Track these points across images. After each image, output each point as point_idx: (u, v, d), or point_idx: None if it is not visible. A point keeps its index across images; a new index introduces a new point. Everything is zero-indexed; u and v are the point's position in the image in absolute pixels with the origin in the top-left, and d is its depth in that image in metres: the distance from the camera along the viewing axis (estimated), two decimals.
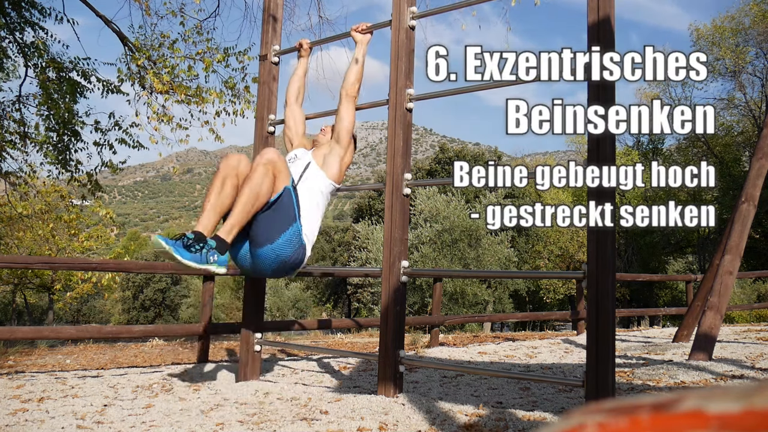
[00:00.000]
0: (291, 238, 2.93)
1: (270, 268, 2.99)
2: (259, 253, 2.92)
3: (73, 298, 20.23)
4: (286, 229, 2.93)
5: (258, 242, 2.91)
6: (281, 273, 3.08)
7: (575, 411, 0.38)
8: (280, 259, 2.94)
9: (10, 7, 7.11)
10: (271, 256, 2.92)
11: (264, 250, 2.91)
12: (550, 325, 17.22)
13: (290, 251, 2.94)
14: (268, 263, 2.94)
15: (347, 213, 64.05)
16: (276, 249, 2.91)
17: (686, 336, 6.02)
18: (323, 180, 3.23)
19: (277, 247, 2.90)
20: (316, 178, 3.21)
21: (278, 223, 2.91)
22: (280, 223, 2.92)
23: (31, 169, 8.04)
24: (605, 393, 2.42)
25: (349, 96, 3.36)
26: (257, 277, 3.17)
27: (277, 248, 2.91)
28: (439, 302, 7.08)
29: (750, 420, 0.31)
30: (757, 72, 24.97)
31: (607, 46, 2.60)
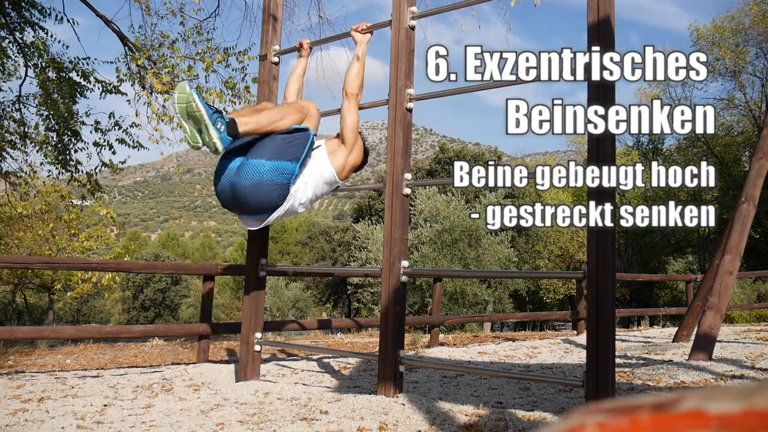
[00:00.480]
0: (281, 170, 2.92)
1: (248, 184, 2.90)
2: (248, 162, 2.91)
3: (73, 298, 20.23)
4: (284, 159, 2.94)
5: (253, 152, 2.94)
6: (253, 200, 2.95)
7: (575, 411, 0.38)
8: (260, 179, 2.89)
9: (10, 7, 7.12)
10: (256, 170, 2.89)
11: (254, 161, 2.91)
12: (550, 325, 17.22)
13: (275, 179, 2.91)
14: (249, 177, 2.89)
15: (347, 213, 64.10)
16: (264, 166, 2.90)
17: (686, 336, 6.02)
18: (328, 166, 3.23)
19: (266, 165, 2.90)
20: (322, 161, 3.22)
21: (281, 149, 2.96)
22: (282, 150, 2.96)
23: (31, 169, 8.04)
24: (605, 393, 2.42)
25: (351, 95, 3.36)
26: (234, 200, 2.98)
27: (266, 167, 2.90)
28: (439, 302, 7.08)
29: (750, 420, 0.31)
30: (757, 72, 24.99)
31: (607, 46, 2.60)
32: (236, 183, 2.92)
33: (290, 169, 2.96)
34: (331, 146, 3.32)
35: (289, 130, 3.05)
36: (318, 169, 3.19)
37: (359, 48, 3.50)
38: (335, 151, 3.29)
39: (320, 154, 3.24)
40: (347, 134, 3.31)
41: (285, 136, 3.02)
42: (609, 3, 2.65)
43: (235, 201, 2.98)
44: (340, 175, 3.30)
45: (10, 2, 7.05)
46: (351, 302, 28.22)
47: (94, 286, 9.35)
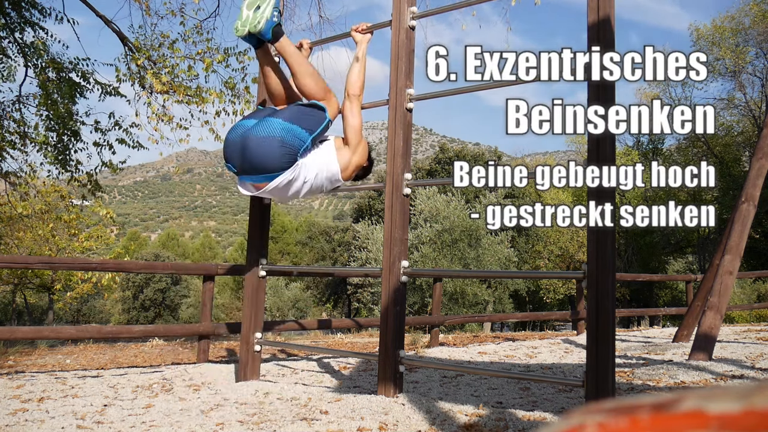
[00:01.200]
0: (294, 133, 3.00)
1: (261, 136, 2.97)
2: (265, 119, 3.03)
3: (73, 298, 20.23)
4: (299, 126, 3.03)
5: (272, 114, 3.07)
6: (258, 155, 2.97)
7: (575, 411, 0.38)
8: (274, 136, 2.96)
9: (10, 7, 7.11)
10: (271, 126, 2.98)
11: (270, 119, 3.02)
12: (550, 325, 17.22)
13: (284, 137, 2.97)
14: (262, 130, 2.98)
15: (347, 213, 64.11)
16: (279, 125, 2.99)
17: (686, 336, 6.02)
18: (333, 160, 3.23)
19: (281, 124, 3.00)
20: (329, 154, 3.22)
21: (299, 117, 3.05)
22: (300, 118, 3.05)
23: (31, 169, 8.04)
24: (605, 393, 2.42)
25: (353, 96, 3.36)
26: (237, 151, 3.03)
27: (279, 125, 2.99)
28: (439, 302, 7.09)
29: (750, 420, 0.31)
30: (757, 72, 24.99)
31: (607, 46, 2.60)
32: (248, 134, 3.01)
33: (302, 136, 3.03)
34: (337, 143, 3.34)
35: (309, 103, 3.14)
36: (326, 159, 3.21)
37: (360, 48, 3.50)
38: (340, 149, 3.30)
39: (329, 147, 3.25)
40: (351, 135, 3.31)
41: (304, 107, 3.12)
42: (609, 3, 2.65)
43: (242, 151, 3.01)
44: (344, 173, 3.30)
45: (10, 2, 7.05)
46: (351, 302, 28.22)
47: (94, 286, 9.35)
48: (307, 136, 3.04)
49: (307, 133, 3.04)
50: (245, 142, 2.99)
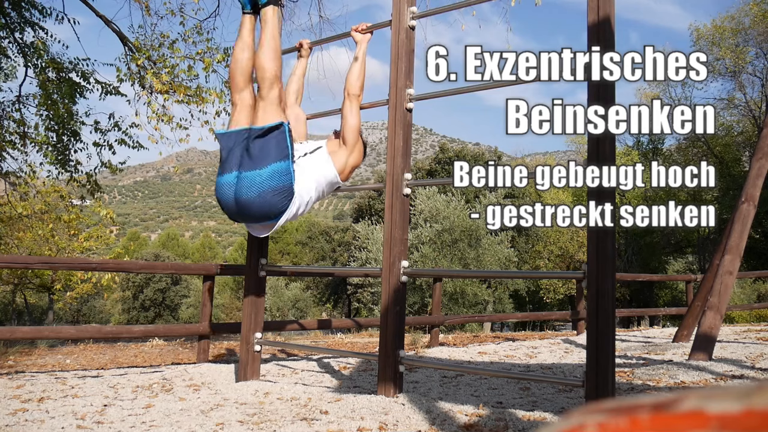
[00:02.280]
0: (278, 172, 2.93)
1: (251, 196, 2.91)
2: (245, 175, 2.92)
3: (73, 298, 20.24)
4: (276, 161, 2.94)
5: (247, 166, 2.94)
6: (259, 210, 2.97)
7: (575, 411, 0.38)
8: (264, 188, 2.90)
9: (10, 7, 7.11)
10: (257, 181, 2.90)
11: (250, 173, 2.92)
12: (550, 325, 17.22)
13: (275, 183, 2.91)
14: (252, 189, 2.91)
15: (347, 213, 64.06)
16: (262, 175, 2.91)
17: (686, 336, 6.02)
18: (330, 167, 3.23)
19: (264, 173, 2.91)
20: (324, 162, 3.22)
21: (269, 152, 2.94)
22: (270, 153, 2.94)
23: (31, 169, 8.04)
24: (605, 393, 2.42)
25: (352, 96, 3.36)
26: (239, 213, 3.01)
27: (264, 175, 2.91)
28: (439, 302, 7.08)
29: (750, 420, 0.31)
30: (757, 72, 24.98)
31: (607, 46, 2.60)
32: (239, 196, 2.94)
33: (285, 167, 2.96)
34: (332, 147, 3.32)
35: (264, 131, 2.99)
36: (321, 170, 3.19)
37: (359, 48, 3.50)
38: (336, 151, 3.29)
39: (322, 155, 3.24)
40: (349, 135, 3.31)
41: (266, 140, 2.98)
42: (609, 3, 2.65)
43: (242, 214, 3.01)
44: (342, 175, 3.30)
45: (10, 2, 7.05)
46: (351, 302, 28.22)
47: (94, 286, 9.36)
48: (287, 163, 2.97)
49: (285, 161, 2.97)
50: (240, 205, 2.95)
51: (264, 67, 3.06)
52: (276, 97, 3.07)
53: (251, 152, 2.96)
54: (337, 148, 3.31)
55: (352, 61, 3.49)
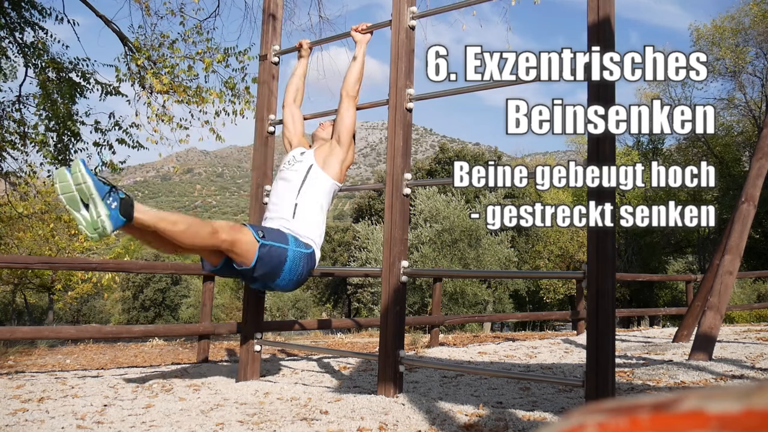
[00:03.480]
0: (294, 260, 3.00)
1: (291, 286, 3.12)
2: (276, 284, 3.05)
3: (73, 298, 20.23)
4: (285, 261, 2.96)
5: (271, 281, 3.03)
6: (304, 281, 3.18)
7: (575, 411, 0.38)
8: (296, 276, 3.04)
9: (10, 7, 7.11)
10: (287, 281, 3.04)
11: (277, 282, 3.03)
12: (550, 325, 17.22)
13: (300, 268, 3.03)
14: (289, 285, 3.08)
15: (347, 213, 64.06)
16: (286, 277, 3.01)
17: (686, 336, 6.02)
18: (327, 181, 3.23)
19: (286, 275, 3.00)
20: (319, 180, 3.22)
21: (275, 266, 2.94)
22: (276, 265, 2.95)
23: (31, 169, 8.04)
24: (605, 393, 2.42)
25: (350, 96, 3.36)
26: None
27: (287, 275, 3.00)
28: (439, 302, 7.08)
29: (750, 420, 0.31)
30: (757, 72, 24.98)
31: (607, 46, 2.60)
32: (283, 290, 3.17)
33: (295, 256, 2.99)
34: (322, 154, 3.29)
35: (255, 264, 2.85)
36: (321, 191, 3.21)
37: (359, 48, 3.50)
38: (328, 157, 3.26)
39: (315, 175, 3.22)
40: (344, 135, 3.30)
41: (262, 266, 2.87)
42: (609, 3, 2.65)
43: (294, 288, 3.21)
44: (339, 179, 3.31)
45: (10, 2, 7.05)
46: (351, 302, 28.21)
47: (94, 286, 9.35)
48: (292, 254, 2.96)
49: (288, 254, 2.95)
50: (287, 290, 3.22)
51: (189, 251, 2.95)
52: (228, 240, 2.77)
53: (264, 276, 2.96)
54: (329, 151, 3.28)
55: (351, 61, 3.49)
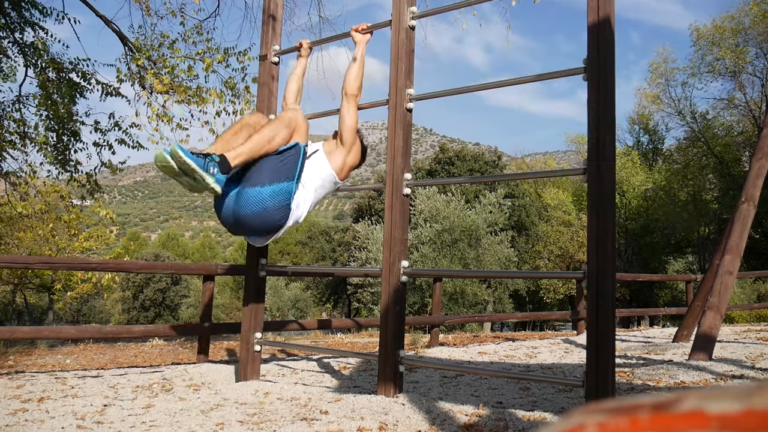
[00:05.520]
0: (280, 192, 2.91)
1: (250, 212, 2.90)
2: (246, 191, 2.90)
3: (73, 298, 20.23)
4: (280, 181, 2.92)
5: (249, 182, 2.91)
6: (257, 225, 2.97)
7: (575, 411, 0.38)
8: (262, 207, 2.89)
9: (10, 7, 7.11)
10: (256, 199, 2.88)
11: (252, 190, 2.89)
12: (550, 325, 17.23)
13: (274, 203, 2.90)
14: (250, 206, 2.89)
15: (347, 213, 64.08)
16: (263, 193, 2.88)
17: (686, 336, 6.02)
18: (327, 168, 3.22)
19: (264, 192, 2.88)
20: (320, 164, 3.22)
21: (276, 171, 2.93)
22: (277, 172, 2.93)
23: (31, 169, 8.03)
24: (605, 393, 2.42)
25: (350, 96, 3.36)
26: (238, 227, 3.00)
27: (264, 193, 2.88)
28: (439, 302, 7.09)
29: (750, 420, 0.31)
30: (757, 72, 24.97)
31: (607, 46, 2.60)
32: (238, 211, 2.91)
33: (288, 188, 2.94)
34: (328, 147, 3.32)
35: (279, 152, 2.99)
36: (317, 173, 3.18)
37: (359, 48, 3.50)
38: (333, 151, 3.29)
39: (318, 158, 3.23)
40: (346, 135, 3.30)
41: (276, 157, 2.98)
42: (609, 3, 2.65)
43: (240, 227, 3.00)
44: (340, 175, 3.30)
45: (10, 2, 7.05)
46: (351, 302, 28.22)
47: (94, 286, 9.34)
48: (291, 185, 2.96)
49: (290, 182, 2.96)
50: (239, 220, 2.94)
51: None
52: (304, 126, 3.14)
53: (259, 168, 2.94)
54: (335, 148, 3.31)
55: (350, 61, 3.49)
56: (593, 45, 2.64)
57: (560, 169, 3.84)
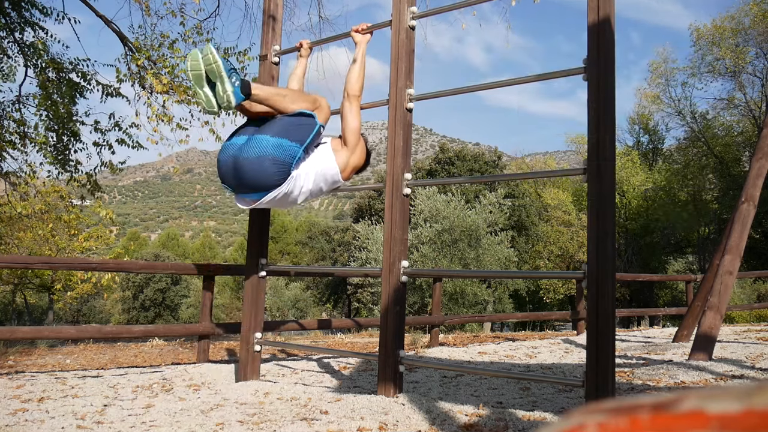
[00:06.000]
0: (285, 149, 2.97)
1: (251, 156, 2.94)
2: (254, 137, 2.99)
3: (73, 298, 20.24)
4: (289, 139, 2.99)
5: (260, 130, 3.03)
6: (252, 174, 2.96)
7: (575, 411, 0.38)
8: (263, 153, 2.93)
9: (10, 7, 7.11)
10: (260, 144, 2.95)
11: (259, 137, 2.99)
12: (550, 325, 17.23)
13: (275, 156, 2.95)
14: (252, 149, 2.95)
15: (347, 213, 64.11)
16: (268, 141, 2.96)
17: (686, 336, 6.02)
18: (331, 161, 3.23)
19: (270, 141, 2.96)
20: (326, 155, 3.23)
21: (287, 129, 3.01)
22: (288, 131, 3.01)
23: (31, 169, 8.03)
24: (605, 393, 2.42)
25: (352, 97, 3.36)
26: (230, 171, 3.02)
27: (270, 142, 2.96)
28: (439, 302, 7.08)
29: (750, 420, 0.31)
30: (757, 72, 24.98)
31: (607, 47, 2.60)
32: (239, 155, 2.98)
33: (293, 149, 2.99)
34: (335, 145, 3.34)
35: (297, 113, 3.09)
36: (322, 163, 3.20)
37: (359, 49, 3.50)
38: (338, 150, 3.30)
39: (326, 150, 3.26)
40: (349, 136, 3.30)
41: (292, 118, 3.07)
42: (609, 3, 2.65)
43: (235, 172, 3.01)
44: (343, 174, 3.30)
45: (10, 2, 7.05)
46: (351, 302, 28.21)
47: (94, 286, 9.34)
48: (297, 147, 3.01)
49: (298, 145, 3.02)
50: (237, 163, 2.97)
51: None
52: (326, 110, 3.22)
53: (273, 122, 3.06)
54: (340, 147, 3.32)
55: (351, 62, 3.49)
56: (593, 45, 2.64)
57: (560, 169, 3.85)
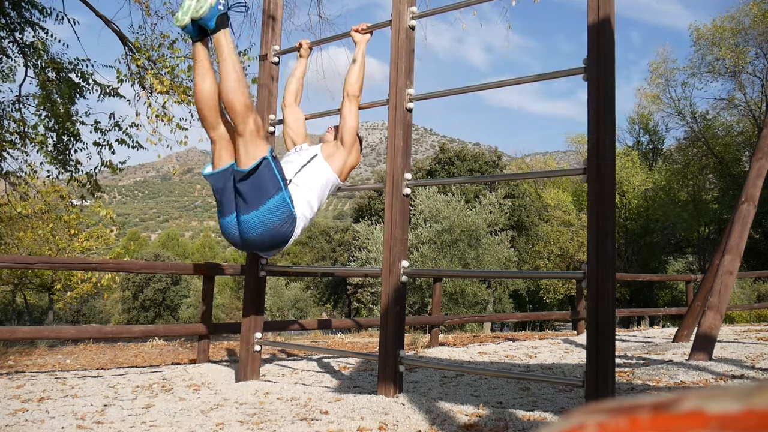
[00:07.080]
0: (277, 206, 2.85)
1: (256, 235, 2.86)
2: (244, 218, 2.85)
3: (73, 298, 20.23)
4: (271, 196, 2.84)
5: (243, 210, 2.85)
6: (269, 243, 2.93)
7: (575, 411, 0.38)
8: (267, 227, 2.84)
9: (10, 7, 7.11)
10: (257, 222, 2.83)
11: (249, 216, 2.83)
12: (550, 325, 17.23)
13: (276, 219, 2.85)
14: (254, 229, 2.85)
15: (347, 213, 64.01)
16: (261, 215, 2.82)
17: (686, 336, 6.02)
18: (327, 170, 3.21)
19: (262, 213, 2.82)
20: (320, 168, 3.19)
21: (261, 190, 2.83)
22: (262, 190, 2.84)
23: (31, 169, 8.03)
24: (605, 393, 2.42)
25: (351, 96, 3.35)
26: (247, 248, 3.00)
27: (263, 214, 2.82)
28: (439, 302, 7.08)
29: (750, 420, 0.31)
30: (757, 72, 24.97)
31: (607, 47, 2.60)
32: (245, 236, 2.88)
33: (282, 198, 2.86)
34: (327, 150, 3.27)
35: (250, 171, 2.82)
36: (320, 179, 3.15)
37: (358, 49, 3.50)
38: (333, 154, 3.26)
39: (318, 163, 3.20)
40: (347, 136, 3.30)
41: (249, 181, 2.84)
42: (609, 3, 2.65)
43: (253, 247, 2.99)
44: (341, 176, 3.30)
45: (10, 2, 7.05)
46: (351, 302, 28.22)
47: (94, 286, 9.34)
48: (282, 194, 2.87)
49: (280, 191, 2.86)
50: (248, 242, 2.91)
51: (231, 102, 2.82)
52: (253, 129, 2.83)
53: (243, 195, 2.85)
54: (334, 150, 3.28)
55: (351, 62, 3.48)
56: (593, 45, 2.64)
57: (560, 169, 3.85)
